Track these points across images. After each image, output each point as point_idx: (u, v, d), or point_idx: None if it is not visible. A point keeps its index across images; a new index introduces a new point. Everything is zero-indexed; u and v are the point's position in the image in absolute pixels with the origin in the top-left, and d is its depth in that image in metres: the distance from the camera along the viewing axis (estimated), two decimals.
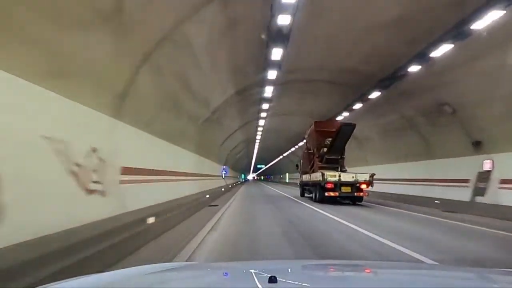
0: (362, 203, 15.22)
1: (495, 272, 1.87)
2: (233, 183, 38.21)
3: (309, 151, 19.47)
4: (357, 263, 2.82)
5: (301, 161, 21.38)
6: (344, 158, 17.22)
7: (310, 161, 18.81)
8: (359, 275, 1.91)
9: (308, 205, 14.38)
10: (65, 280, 1.47)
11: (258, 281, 1.44)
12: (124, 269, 1.78)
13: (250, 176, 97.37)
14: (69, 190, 5.19)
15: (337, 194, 14.71)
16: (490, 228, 8.62)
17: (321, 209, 12.27)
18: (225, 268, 2.02)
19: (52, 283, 1.39)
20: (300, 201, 16.60)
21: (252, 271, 1.72)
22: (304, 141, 22.08)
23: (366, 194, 15.11)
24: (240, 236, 7.16)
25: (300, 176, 21.28)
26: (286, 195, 22.44)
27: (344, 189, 14.75)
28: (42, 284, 1.40)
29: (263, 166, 77.73)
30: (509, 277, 1.72)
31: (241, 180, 64.39)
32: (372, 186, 14.83)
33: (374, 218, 10.58)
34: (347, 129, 14.74)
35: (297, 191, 22.17)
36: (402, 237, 7.10)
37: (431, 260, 5.02)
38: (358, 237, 7.09)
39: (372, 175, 14.85)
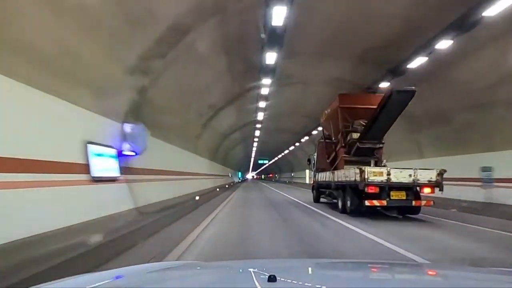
0: (423, 217, 9.66)
1: (495, 272, 1.83)
2: (202, 194, 16.00)
3: (327, 141, 14.01)
4: (357, 262, 2.73)
5: (316, 154, 15.75)
6: (382, 146, 11.62)
7: (330, 153, 13.33)
8: (359, 274, 1.84)
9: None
10: (61, 280, 1.44)
11: (258, 280, 1.41)
12: (121, 268, 1.74)
13: (250, 175, 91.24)
14: None
15: (384, 203, 9.09)
16: None
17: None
18: (225, 267, 2.01)
19: (47, 283, 1.35)
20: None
21: (252, 270, 1.69)
22: (320, 128, 16.46)
23: (431, 203, 9.39)
24: None
25: (315, 175, 15.58)
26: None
27: (396, 195, 9.15)
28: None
29: (266, 161, 68.41)
30: (509, 277, 1.67)
31: (237, 179, 57.84)
32: (441, 190, 9.13)
33: None
34: (403, 98, 8.88)
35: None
36: None
37: None
38: None
39: (441, 173, 9.21)
